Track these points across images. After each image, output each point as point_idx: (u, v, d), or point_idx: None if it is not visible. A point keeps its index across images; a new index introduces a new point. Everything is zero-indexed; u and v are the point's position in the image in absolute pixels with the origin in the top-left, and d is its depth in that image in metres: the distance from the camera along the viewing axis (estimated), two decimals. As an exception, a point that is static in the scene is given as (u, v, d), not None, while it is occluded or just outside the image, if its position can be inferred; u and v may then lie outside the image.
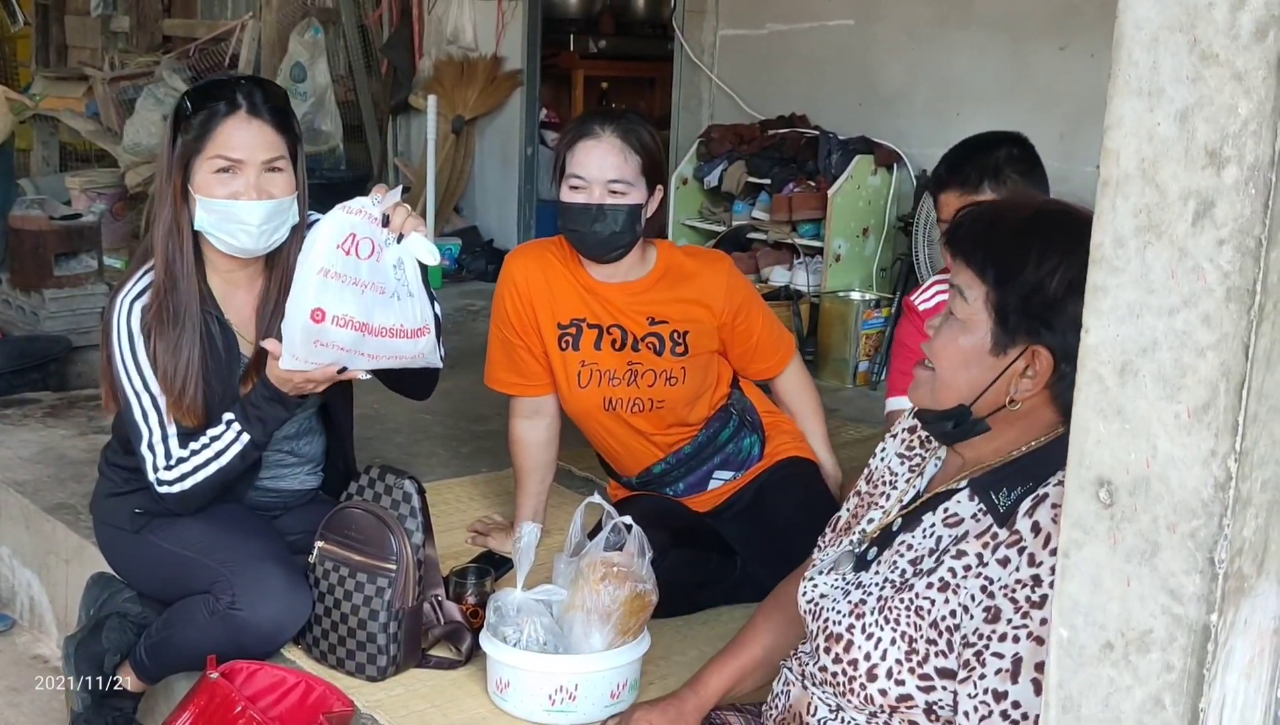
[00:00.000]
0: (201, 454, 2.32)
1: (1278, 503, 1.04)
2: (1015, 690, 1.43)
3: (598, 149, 2.60)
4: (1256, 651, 1.08)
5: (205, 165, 2.27)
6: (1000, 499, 1.53)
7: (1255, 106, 0.95)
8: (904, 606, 1.56)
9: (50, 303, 5.17)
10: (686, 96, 5.86)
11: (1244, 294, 0.97)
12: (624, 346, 2.70)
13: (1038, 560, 1.45)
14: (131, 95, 6.94)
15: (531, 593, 2.25)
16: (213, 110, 2.27)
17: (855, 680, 1.58)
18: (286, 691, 2.20)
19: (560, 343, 2.71)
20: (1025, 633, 1.44)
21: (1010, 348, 1.52)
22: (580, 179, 2.60)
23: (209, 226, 2.30)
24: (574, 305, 2.70)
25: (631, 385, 2.71)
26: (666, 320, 2.72)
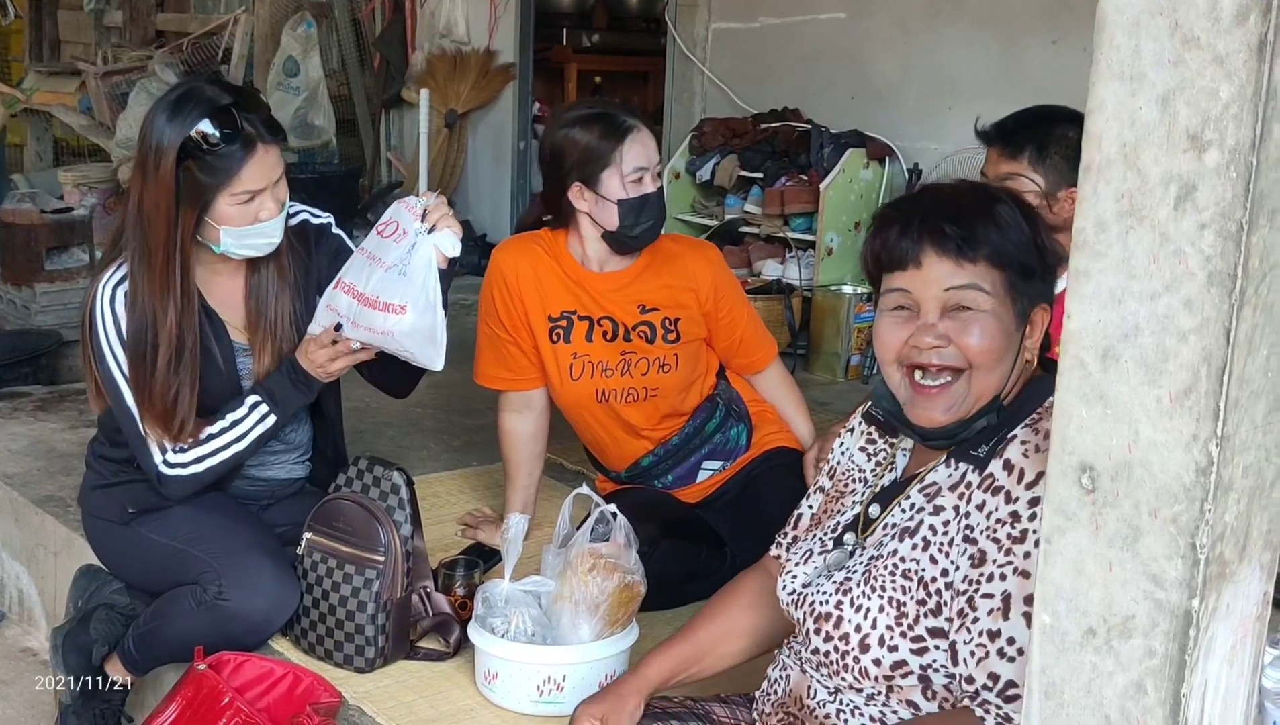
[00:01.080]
0: (221, 437, 2.34)
1: (1260, 488, 1.04)
2: (1008, 627, 1.45)
3: (642, 137, 2.62)
4: (1239, 637, 1.07)
5: (227, 199, 2.26)
6: (981, 452, 1.55)
7: (1236, 90, 0.95)
8: (888, 572, 1.57)
9: (41, 297, 5.17)
10: (679, 90, 5.85)
11: (1225, 278, 0.97)
12: (616, 337, 2.70)
13: (1014, 496, 1.47)
14: (124, 90, 6.92)
15: (520, 584, 2.25)
16: (232, 154, 2.24)
17: (848, 655, 1.58)
18: (274, 683, 2.20)
19: (551, 336, 2.70)
20: (1011, 568, 1.45)
21: (1026, 317, 1.58)
22: (643, 169, 2.61)
23: (232, 248, 2.32)
24: (563, 298, 2.70)
25: (625, 375, 2.70)
26: (657, 307, 2.71)
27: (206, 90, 2.27)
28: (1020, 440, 1.51)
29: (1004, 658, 1.45)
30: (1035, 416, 1.54)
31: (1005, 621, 1.45)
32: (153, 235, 2.26)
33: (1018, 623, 1.44)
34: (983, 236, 1.54)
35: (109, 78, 7.08)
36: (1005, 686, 1.45)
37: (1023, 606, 1.43)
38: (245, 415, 2.35)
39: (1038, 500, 1.44)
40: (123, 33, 7.83)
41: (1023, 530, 1.45)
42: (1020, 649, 1.43)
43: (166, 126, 2.23)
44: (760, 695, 1.81)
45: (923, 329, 1.55)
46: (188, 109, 2.24)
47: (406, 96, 6.74)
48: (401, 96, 6.83)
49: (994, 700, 1.46)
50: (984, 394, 1.55)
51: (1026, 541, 1.44)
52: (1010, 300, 1.55)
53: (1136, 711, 1.05)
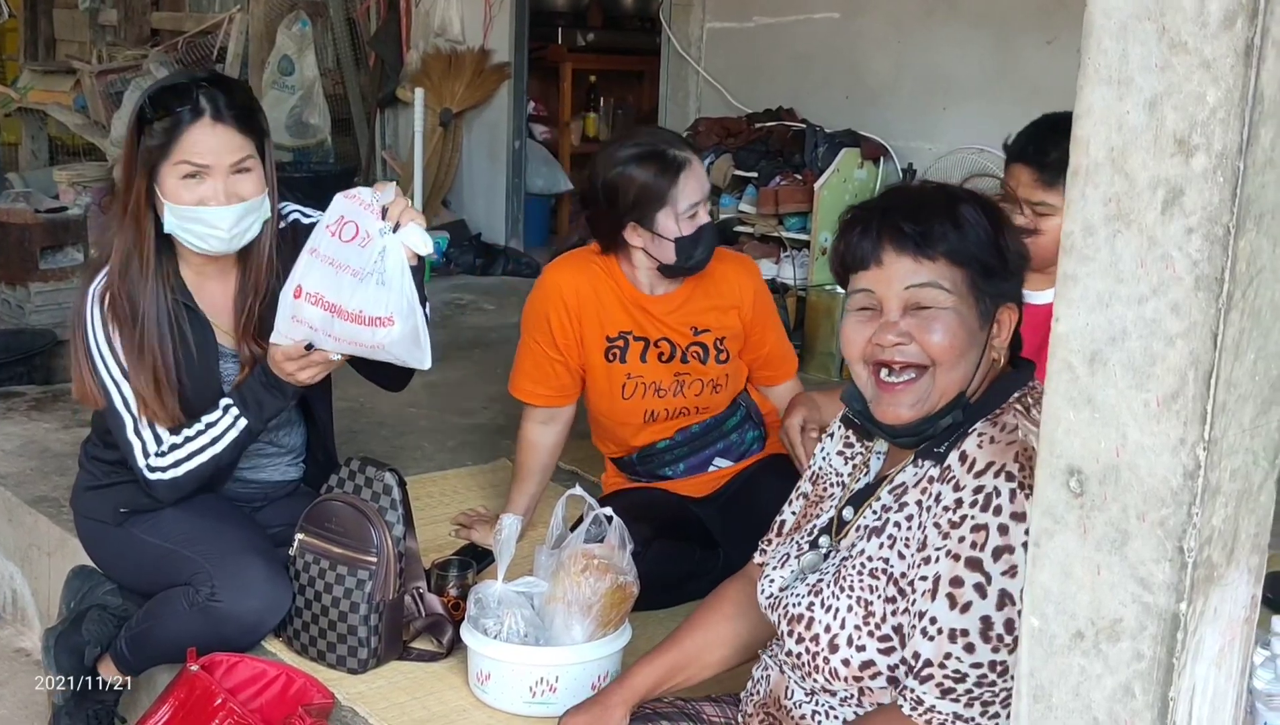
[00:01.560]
0: (196, 441, 2.32)
1: (1247, 491, 1.04)
2: (933, 607, 1.48)
3: (695, 171, 2.61)
4: (1227, 640, 1.08)
5: (172, 171, 2.23)
6: (942, 449, 1.57)
7: (1224, 94, 0.95)
8: (856, 572, 1.58)
9: (35, 296, 5.16)
10: (674, 90, 5.85)
11: (1212, 282, 0.97)
12: (671, 358, 2.72)
13: (961, 484, 1.50)
14: (119, 89, 6.91)
15: (512, 585, 2.25)
16: (177, 117, 2.22)
17: (819, 656, 1.59)
18: (267, 684, 2.20)
19: (607, 355, 2.71)
20: (944, 552, 1.48)
21: (990, 315, 1.58)
22: (698, 204, 2.61)
23: (178, 230, 2.28)
24: (621, 318, 2.70)
25: (678, 395, 2.75)
26: (708, 328, 2.74)
27: (181, 74, 2.29)
28: (978, 432, 1.53)
29: (926, 637, 1.48)
30: (998, 411, 1.56)
31: (932, 603, 1.48)
32: (129, 205, 2.27)
33: (941, 603, 1.47)
34: (940, 234, 1.56)
35: (104, 76, 7.08)
36: (923, 665, 1.48)
37: (947, 588, 1.46)
38: (218, 418, 2.32)
39: (982, 489, 1.47)
40: (118, 31, 7.82)
41: (962, 516, 1.48)
42: (940, 629, 1.47)
43: (136, 105, 2.27)
44: (745, 695, 1.82)
45: (885, 327, 1.57)
46: (156, 86, 2.28)
47: (401, 95, 6.74)
48: (396, 95, 6.83)
49: (910, 684, 1.49)
50: (948, 391, 1.57)
51: (963, 526, 1.47)
52: (973, 298, 1.57)
53: (1124, 714, 1.05)
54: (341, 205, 2.17)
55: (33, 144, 7.86)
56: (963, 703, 1.47)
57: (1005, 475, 1.47)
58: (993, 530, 1.45)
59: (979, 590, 1.45)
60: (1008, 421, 1.53)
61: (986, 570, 1.45)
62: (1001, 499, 1.46)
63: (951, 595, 1.46)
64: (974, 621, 1.45)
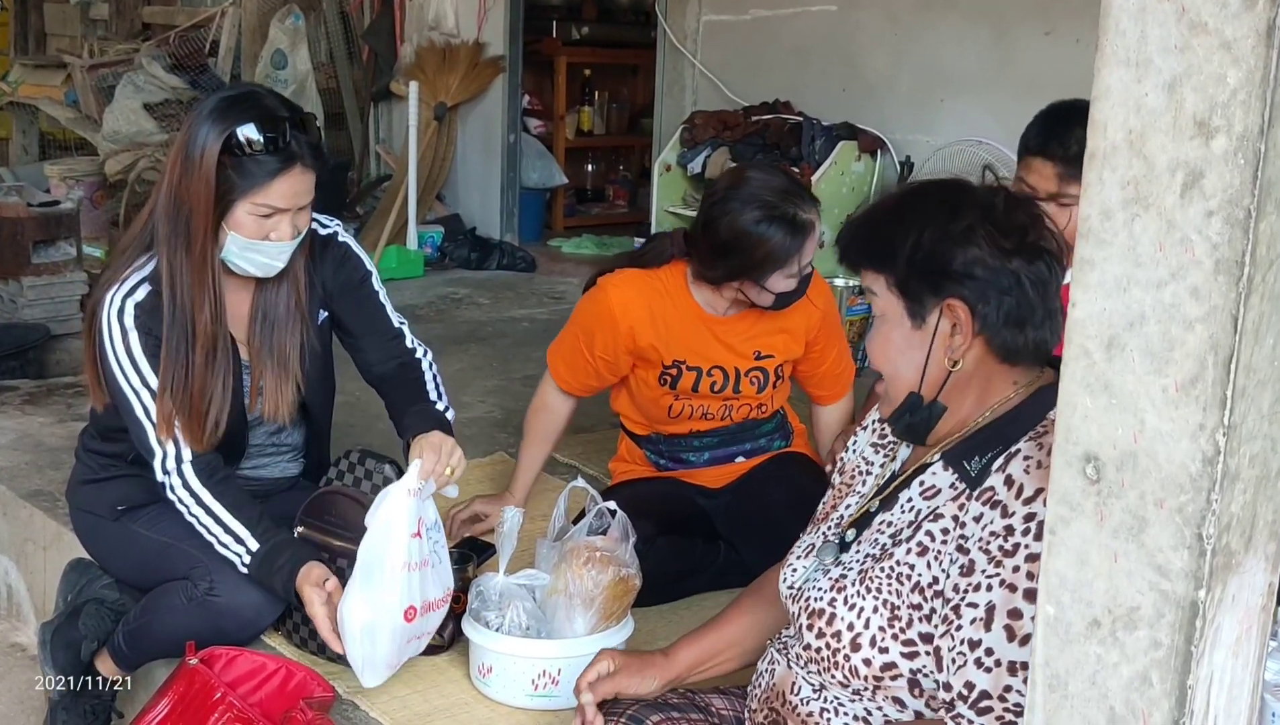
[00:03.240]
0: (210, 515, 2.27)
1: (1265, 478, 1.03)
2: (988, 638, 1.45)
3: (814, 235, 2.57)
4: (1244, 628, 1.07)
5: (248, 207, 2.22)
6: (971, 466, 1.55)
7: (1244, 75, 0.94)
8: (884, 575, 1.57)
9: (28, 290, 5.12)
10: (669, 83, 5.84)
11: (1233, 266, 0.96)
12: (724, 388, 2.70)
13: (1010, 510, 1.47)
14: (111, 83, 6.88)
15: (514, 577, 2.23)
16: (268, 162, 2.19)
17: (839, 653, 1.58)
18: (267, 678, 2.18)
19: (660, 380, 2.70)
20: (997, 580, 1.45)
21: (926, 313, 1.56)
22: (810, 262, 2.60)
23: (235, 257, 2.27)
24: (678, 346, 2.65)
25: (725, 418, 2.75)
26: (772, 353, 2.71)
27: (265, 98, 2.25)
28: (1024, 455, 1.50)
29: (981, 668, 1.45)
30: (1040, 429, 1.52)
31: (986, 633, 1.44)
32: (195, 226, 2.22)
33: (998, 635, 1.44)
34: (859, 243, 1.63)
35: (95, 71, 7.05)
36: (979, 697, 1.45)
37: (1005, 619, 1.43)
38: (237, 538, 2.26)
39: (1034, 517, 1.44)
40: (109, 25, 7.79)
41: (1014, 544, 1.45)
42: (997, 660, 1.43)
43: (216, 122, 2.19)
44: (750, 688, 1.80)
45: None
46: (240, 109, 2.20)
47: (395, 89, 6.72)
48: (390, 89, 6.81)
49: (967, 713, 1.45)
50: (895, 392, 1.61)
51: (1017, 555, 1.44)
52: (901, 300, 1.57)
53: (1142, 704, 1.04)
54: (412, 505, 2.10)
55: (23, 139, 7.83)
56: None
57: None
58: None
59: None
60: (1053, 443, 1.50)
61: None
62: None
63: (1010, 628, 1.43)
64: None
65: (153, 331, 2.26)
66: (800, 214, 2.53)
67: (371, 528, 2.09)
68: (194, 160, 2.20)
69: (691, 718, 1.81)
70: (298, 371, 2.41)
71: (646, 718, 1.77)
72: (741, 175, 2.61)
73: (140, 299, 2.27)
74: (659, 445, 2.82)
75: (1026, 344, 1.56)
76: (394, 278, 5.84)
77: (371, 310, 2.52)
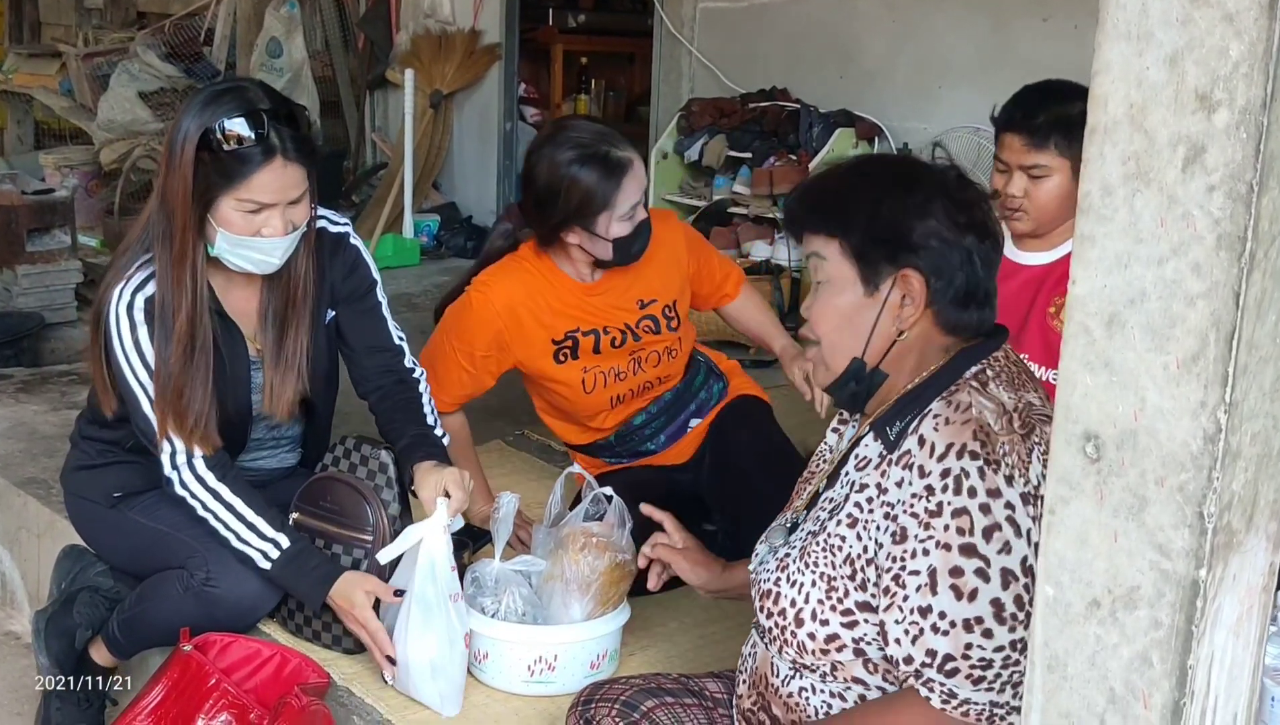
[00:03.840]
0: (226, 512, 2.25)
1: (1267, 456, 1.02)
2: (937, 601, 1.46)
3: (636, 172, 2.55)
4: (1245, 608, 1.06)
5: (233, 204, 2.17)
6: (892, 432, 1.56)
7: (1247, 48, 0.93)
8: (820, 549, 1.59)
9: (23, 279, 5.11)
10: (666, 70, 5.81)
11: (1235, 241, 0.95)
12: (624, 341, 2.68)
13: (927, 470, 1.49)
14: (106, 72, 6.86)
15: (510, 563, 2.23)
16: (247, 156, 2.14)
17: (786, 630, 1.60)
18: (261, 664, 2.18)
19: (556, 357, 2.65)
20: (932, 543, 1.47)
21: (880, 281, 1.57)
22: (637, 204, 2.56)
23: (227, 254, 2.22)
24: (563, 321, 2.64)
25: (637, 373, 2.71)
26: (655, 297, 2.70)
27: (249, 91, 2.20)
28: (933, 414, 1.52)
29: (938, 633, 1.46)
30: (953, 388, 1.55)
31: (934, 596, 1.46)
32: (175, 224, 2.19)
33: (946, 596, 1.45)
34: (808, 208, 1.63)
35: (90, 59, 7.02)
36: (944, 661, 1.46)
37: (949, 579, 1.45)
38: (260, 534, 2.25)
39: (949, 472, 1.47)
40: (104, 14, 7.76)
41: (938, 503, 1.47)
42: (952, 622, 1.45)
43: (196, 116, 2.15)
44: (738, 671, 1.80)
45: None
46: (221, 103, 2.16)
47: (391, 77, 6.69)
48: (386, 77, 6.78)
49: (936, 677, 1.47)
50: (837, 363, 1.61)
51: (944, 514, 1.46)
52: (854, 267, 1.58)
53: (1142, 684, 1.03)
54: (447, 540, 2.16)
55: (18, 128, 7.81)
56: (995, 689, 1.45)
57: (969, 455, 1.46)
58: (975, 512, 1.45)
59: (981, 575, 1.44)
60: (962, 400, 1.52)
61: (983, 553, 1.44)
62: (972, 480, 1.45)
63: (955, 586, 1.45)
64: (985, 607, 1.44)
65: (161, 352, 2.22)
66: (614, 152, 2.52)
67: (418, 568, 2.11)
68: (175, 157, 2.16)
69: (685, 702, 1.81)
70: (303, 369, 2.36)
71: (641, 703, 1.77)
72: (558, 124, 2.65)
73: (150, 293, 2.23)
74: (614, 447, 2.80)
75: (970, 319, 1.59)
76: (390, 266, 5.82)
77: (374, 323, 2.47)
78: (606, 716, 1.76)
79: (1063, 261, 2.55)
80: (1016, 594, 1.44)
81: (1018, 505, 1.45)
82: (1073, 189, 2.45)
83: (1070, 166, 2.47)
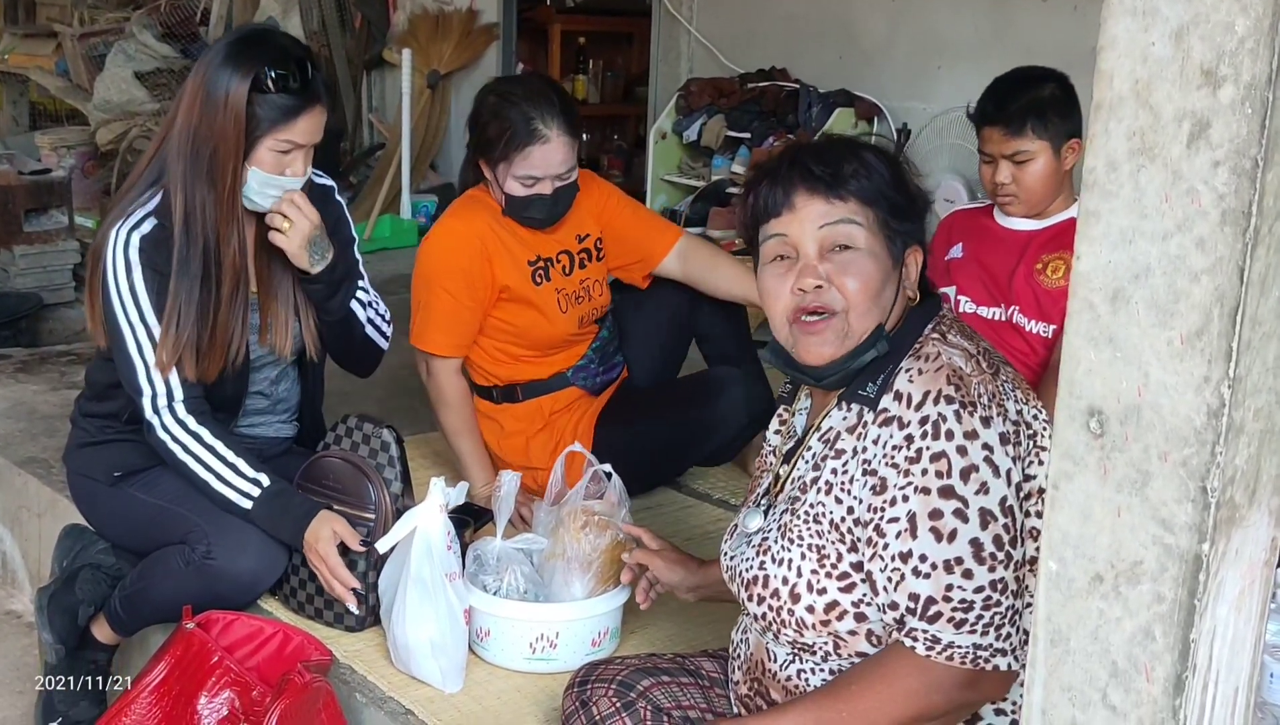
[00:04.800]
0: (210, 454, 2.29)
1: (1270, 431, 1.03)
2: (917, 545, 1.48)
3: (549, 151, 2.64)
4: (1247, 583, 1.06)
5: (272, 144, 2.28)
6: (869, 390, 1.58)
7: (1253, 23, 0.93)
8: (801, 522, 1.60)
9: (20, 259, 5.11)
10: (665, 50, 5.79)
11: (1239, 217, 0.95)
12: (573, 268, 2.83)
13: (905, 421, 1.51)
14: (102, 52, 6.84)
15: (512, 542, 2.24)
16: (296, 100, 2.26)
17: (783, 610, 1.60)
18: (264, 642, 2.18)
19: (534, 278, 2.76)
20: (911, 488, 1.49)
21: (901, 254, 1.63)
22: (534, 178, 2.66)
23: (255, 194, 2.31)
24: (527, 246, 2.77)
25: (588, 299, 2.85)
26: (588, 232, 2.88)
27: (280, 36, 2.34)
28: (904, 369, 1.55)
29: (919, 576, 1.48)
30: (917, 345, 1.59)
31: (914, 540, 1.48)
32: (220, 164, 2.26)
33: (926, 539, 1.47)
34: (850, 172, 1.60)
35: (86, 40, 7.00)
36: (926, 605, 1.48)
37: (928, 523, 1.47)
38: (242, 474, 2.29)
39: (928, 419, 1.49)
40: (99, -7, 7.72)
41: (917, 450, 1.49)
42: (933, 564, 1.47)
43: (239, 62, 2.24)
44: (730, 658, 1.81)
45: (805, 270, 1.59)
46: (261, 48, 2.27)
47: (388, 57, 6.67)
48: (383, 57, 6.76)
49: (919, 625, 1.49)
50: (864, 329, 1.60)
51: (922, 459, 1.48)
52: (884, 238, 1.61)
53: (1144, 658, 1.04)
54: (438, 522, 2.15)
55: (14, 109, 7.78)
56: (979, 631, 1.47)
57: (944, 399, 1.49)
58: (953, 454, 1.47)
59: (959, 516, 1.47)
60: (930, 351, 1.56)
61: (961, 494, 1.47)
62: (949, 423, 1.48)
63: (935, 528, 1.47)
64: (964, 547, 1.47)
65: (159, 268, 2.27)
66: (535, 120, 2.62)
67: (414, 549, 2.12)
68: (218, 100, 2.24)
69: (681, 681, 1.81)
70: (307, 301, 2.44)
71: (637, 682, 1.78)
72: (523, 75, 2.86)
73: (146, 232, 2.28)
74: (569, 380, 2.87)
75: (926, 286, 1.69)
76: (387, 247, 5.81)
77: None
78: (604, 696, 1.77)
79: (1051, 227, 2.69)
80: (995, 534, 1.47)
81: (995, 446, 1.48)
82: (1056, 167, 2.64)
83: (1050, 147, 2.62)
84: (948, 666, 1.48)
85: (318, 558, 2.26)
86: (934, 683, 1.48)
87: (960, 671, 1.47)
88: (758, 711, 1.69)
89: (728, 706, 1.80)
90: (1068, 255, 2.58)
